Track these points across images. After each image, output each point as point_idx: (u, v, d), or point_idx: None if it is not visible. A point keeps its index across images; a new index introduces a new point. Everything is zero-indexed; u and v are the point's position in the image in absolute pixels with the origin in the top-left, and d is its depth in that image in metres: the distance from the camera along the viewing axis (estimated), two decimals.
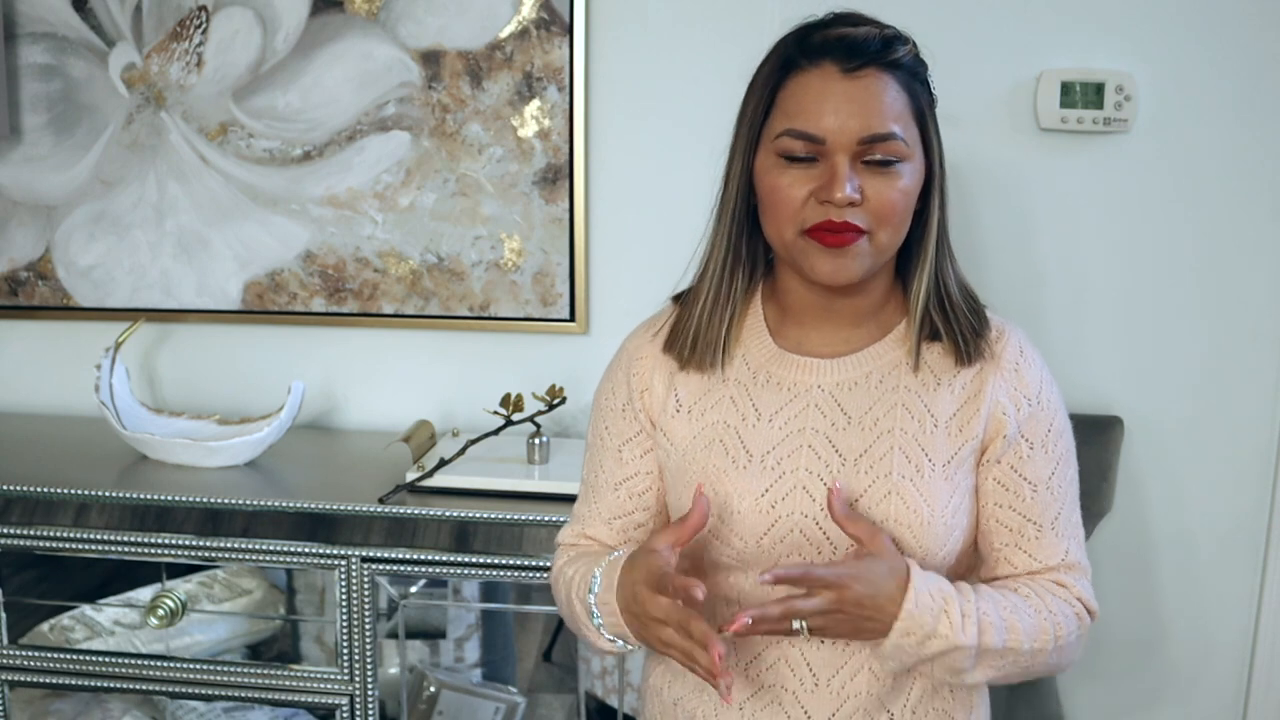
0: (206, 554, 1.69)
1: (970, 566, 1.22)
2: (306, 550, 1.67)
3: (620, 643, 1.14)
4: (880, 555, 1.07)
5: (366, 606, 1.67)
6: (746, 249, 1.19)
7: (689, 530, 1.09)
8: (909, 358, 1.16)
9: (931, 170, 1.13)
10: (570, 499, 1.40)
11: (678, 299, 1.27)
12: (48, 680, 1.77)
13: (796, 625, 1.05)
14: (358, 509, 1.67)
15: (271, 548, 1.67)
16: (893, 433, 1.13)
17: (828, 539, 1.13)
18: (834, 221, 1.08)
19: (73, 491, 1.72)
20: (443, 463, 1.73)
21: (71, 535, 1.70)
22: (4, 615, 1.77)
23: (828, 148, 1.07)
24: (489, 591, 1.92)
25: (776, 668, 1.16)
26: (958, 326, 1.15)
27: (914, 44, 1.12)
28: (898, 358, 1.17)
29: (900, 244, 1.14)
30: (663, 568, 1.06)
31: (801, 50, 1.10)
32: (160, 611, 1.72)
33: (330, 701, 1.72)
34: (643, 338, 1.26)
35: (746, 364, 1.19)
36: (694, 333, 1.19)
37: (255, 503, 1.69)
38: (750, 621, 1.03)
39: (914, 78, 1.11)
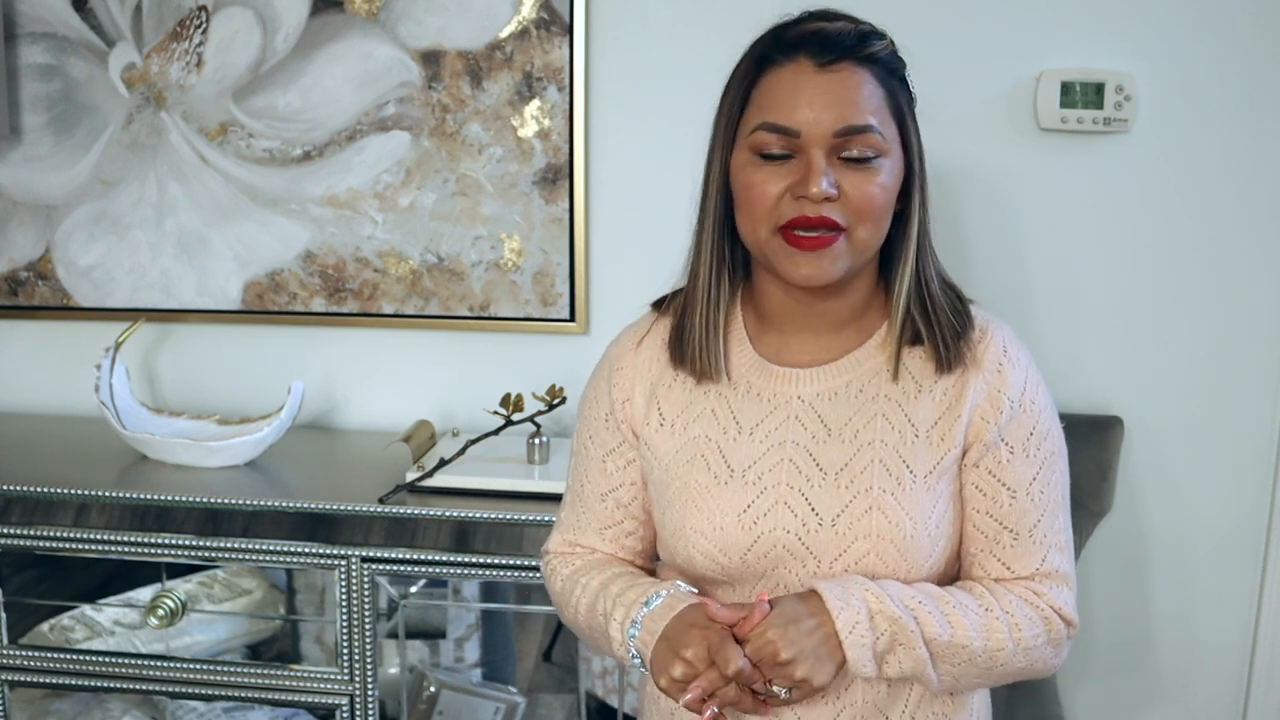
0: (206, 554, 1.69)
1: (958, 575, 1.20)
2: (306, 550, 1.67)
3: (635, 657, 1.12)
4: (777, 601, 1.07)
5: (366, 606, 1.67)
6: (729, 252, 1.16)
7: (745, 624, 1.07)
8: (889, 364, 1.13)
9: (911, 169, 1.11)
10: None
11: (657, 305, 1.25)
12: (48, 680, 1.77)
13: (776, 689, 1.05)
14: (358, 509, 1.67)
15: (271, 548, 1.67)
16: (873, 445, 1.11)
17: (810, 553, 1.11)
18: (809, 217, 1.05)
19: (73, 491, 1.72)
20: (443, 463, 1.73)
21: (71, 535, 1.70)
22: (4, 615, 1.77)
23: (802, 141, 1.05)
24: (489, 591, 1.92)
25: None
26: (939, 329, 1.12)
27: (890, 40, 1.10)
28: (878, 365, 1.14)
29: (880, 242, 1.11)
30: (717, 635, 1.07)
31: (777, 46, 1.09)
32: (160, 611, 1.72)
33: (330, 701, 1.72)
34: (624, 345, 1.24)
35: (728, 373, 1.17)
36: (699, 342, 1.16)
37: (255, 503, 1.69)
38: (716, 711, 1.05)
39: (891, 74, 1.09)
